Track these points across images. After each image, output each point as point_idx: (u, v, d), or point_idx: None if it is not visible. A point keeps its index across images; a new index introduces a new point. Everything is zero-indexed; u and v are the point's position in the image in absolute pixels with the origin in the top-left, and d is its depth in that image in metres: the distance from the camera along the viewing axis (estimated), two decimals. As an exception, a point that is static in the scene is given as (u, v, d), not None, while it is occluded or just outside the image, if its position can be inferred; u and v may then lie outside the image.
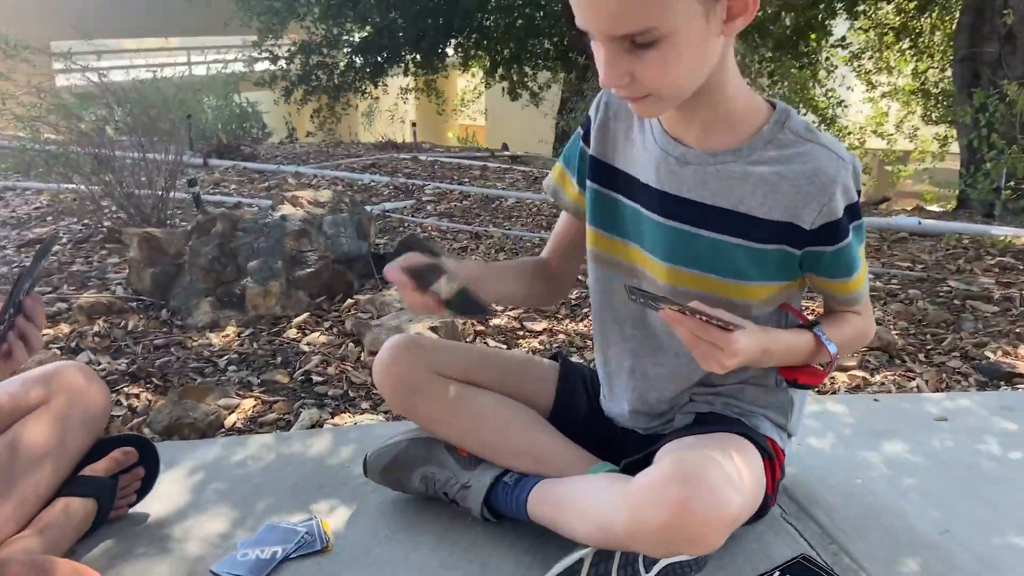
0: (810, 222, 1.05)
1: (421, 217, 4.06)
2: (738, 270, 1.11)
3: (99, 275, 2.86)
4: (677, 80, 0.97)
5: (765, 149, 1.06)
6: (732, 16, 0.95)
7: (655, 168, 1.12)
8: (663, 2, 0.89)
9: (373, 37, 10.92)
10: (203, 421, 1.88)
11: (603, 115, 1.20)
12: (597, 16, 0.91)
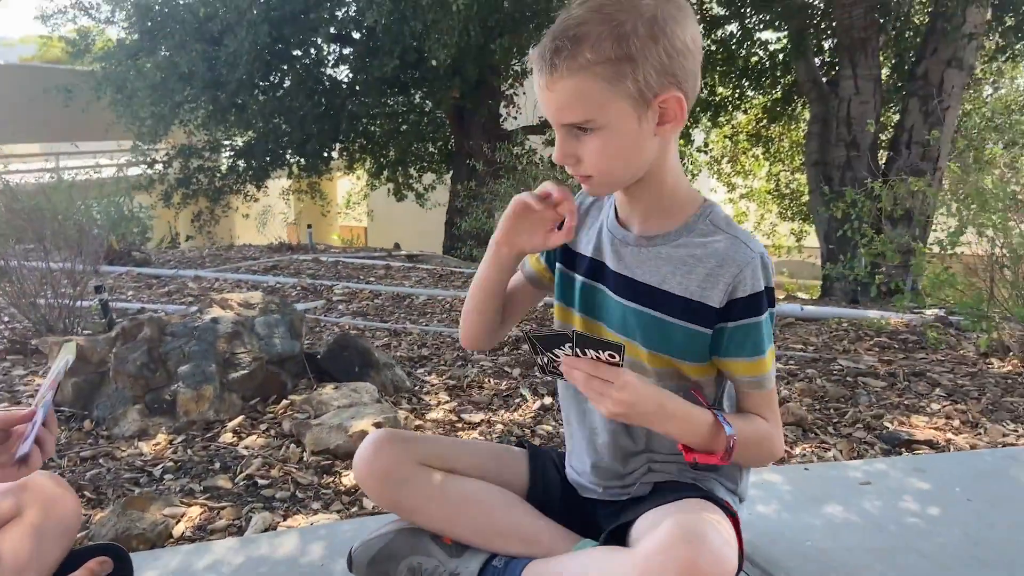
0: (719, 301, 1.16)
1: (335, 317, 4.06)
2: (659, 342, 1.24)
3: (7, 387, 2.70)
4: (613, 166, 1.14)
5: (689, 236, 1.21)
6: (663, 121, 1.12)
7: (606, 249, 1.28)
8: (598, 102, 1.08)
9: (256, 141, 10.94)
10: (152, 531, 1.81)
11: (579, 211, 1.34)
12: (549, 106, 1.12)
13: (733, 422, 1.18)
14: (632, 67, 1.06)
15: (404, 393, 2.82)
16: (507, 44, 8.20)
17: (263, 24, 8.75)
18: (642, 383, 1.12)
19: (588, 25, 1.06)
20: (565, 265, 1.35)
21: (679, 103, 1.11)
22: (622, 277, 1.26)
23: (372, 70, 9.03)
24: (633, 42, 1.05)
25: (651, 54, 1.06)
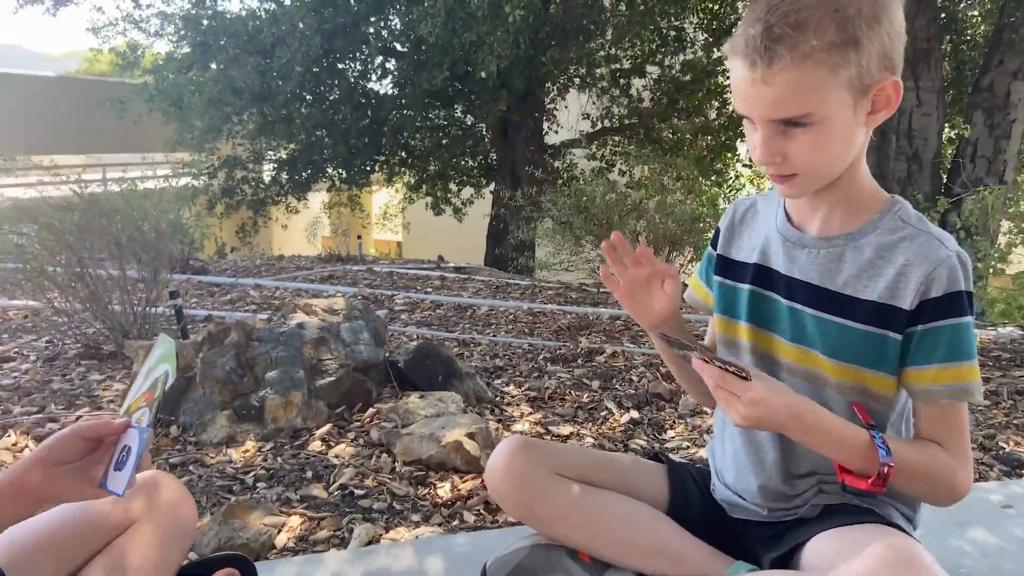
0: (909, 302, 1.06)
1: (400, 326, 4.01)
2: (837, 349, 1.14)
3: (85, 392, 2.67)
4: (824, 162, 1.05)
5: (876, 234, 1.12)
6: (875, 109, 1.04)
7: (775, 253, 1.19)
8: (820, 92, 0.99)
9: (299, 153, 11.02)
10: (255, 541, 1.75)
11: (730, 221, 1.30)
12: (761, 101, 1.01)
13: (897, 448, 1.05)
14: (856, 52, 0.98)
15: (486, 404, 2.75)
16: (556, 57, 8.18)
17: (315, 36, 8.82)
18: (777, 393, 1.03)
19: (808, 10, 0.97)
20: (724, 277, 1.28)
21: (896, 88, 1.02)
22: (797, 281, 1.17)
23: (420, 83, 9.05)
24: (858, 24, 0.97)
25: (875, 37, 0.98)
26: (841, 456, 1.07)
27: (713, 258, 1.31)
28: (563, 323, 4.18)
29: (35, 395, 2.65)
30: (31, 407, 2.53)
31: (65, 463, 0.94)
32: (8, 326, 3.69)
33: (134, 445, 0.91)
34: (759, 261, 1.22)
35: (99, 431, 0.97)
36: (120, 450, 0.93)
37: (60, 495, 0.94)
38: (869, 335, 1.11)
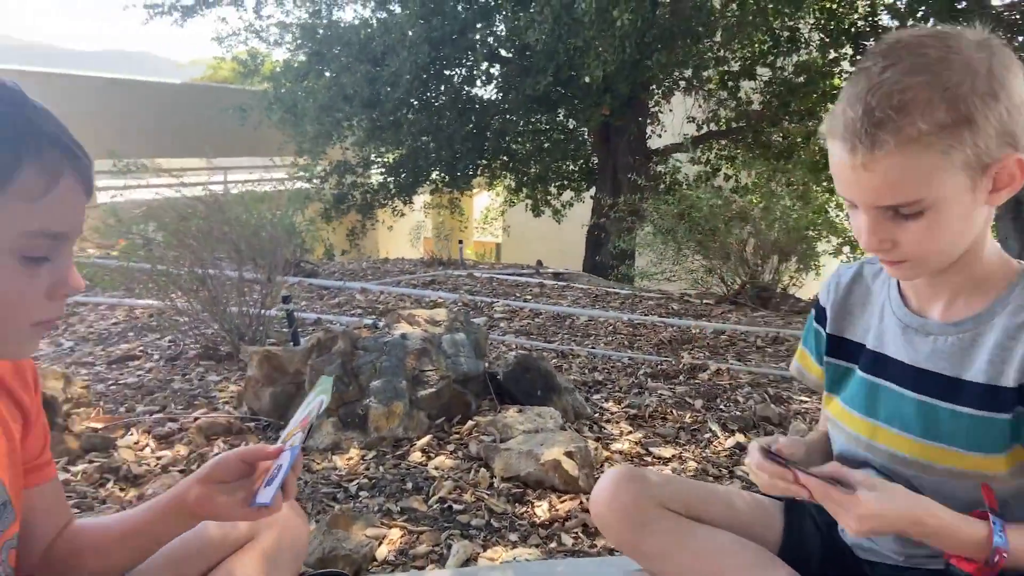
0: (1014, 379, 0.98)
1: (498, 335, 4.03)
2: (968, 441, 1.06)
3: (203, 393, 2.80)
4: (940, 248, 0.97)
5: (1005, 313, 1.02)
6: (997, 187, 0.95)
7: (892, 340, 1.12)
8: (930, 177, 0.91)
9: (405, 158, 11.31)
10: (357, 553, 1.79)
11: (837, 295, 1.23)
12: (862, 187, 0.94)
13: (1015, 535, 0.97)
14: (971, 131, 0.89)
15: (585, 420, 2.72)
16: (662, 60, 8.05)
17: (423, 44, 9.02)
18: (892, 501, 0.96)
19: (913, 89, 0.90)
20: (835, 356, 1.21)
21: (1020, 166, 0.93)
22: (916, 370, 1.08)
23: (524, 88, 9.11)
24: (971, 102, 0.89)
25: (992, 113, 0.89)
26: (958, 549, 0.99)
27: (823, 337, 1.24)
28: (664, 336, 4.10)
29: (157, 394, 2.81)
30: (153, 406, 2.68)
31: (222, 482, 0.99)
32: (135, 324, 3.93)
33: (285, 462, 0.96)
34: (874, 347, 1.15)
35: (256, 454, 1.03)
36: (272, 470, 0.98)
37: (214, 512, 0.99)
38: (980, 419, 1.02)
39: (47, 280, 0.81)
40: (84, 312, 4.25)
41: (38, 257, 0.80)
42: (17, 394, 1.01)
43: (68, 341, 3.71)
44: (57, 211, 0.79)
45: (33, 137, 0.77)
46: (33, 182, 0.77)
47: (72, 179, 0.80)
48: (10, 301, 0.79)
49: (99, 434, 2.41)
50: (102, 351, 3.47)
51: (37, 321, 0.83)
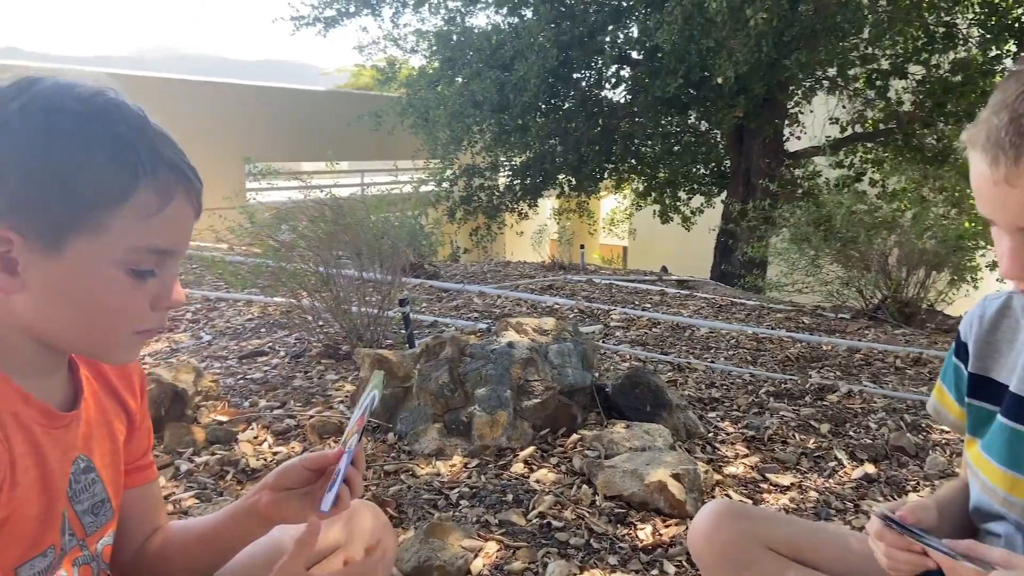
0: None
1: (613, 344, 3.94)
2: None
3: (321, 391, 2.89)
4: None
5: None
6: None
7: None
8: None
9: (533, 161, 11.37)
10: (452, 565, 1.77)
11: (981, 329, 1.11)
12: (1005, 206, 0.83)
13: None
14: None
15: (697, 439, 2.60)
16: (803, 59, 7.66)
17: (552, 48, 9.04)
18: None
19: None
20: (978, 398, 1.09)
21: None
22: None
23: (654, 90, 8.94)
24: None
25: None
26: None
27: (964, 375, 1.12)
28: (791, 352, 3.87)
29: (279, 390, 2.92)
30: (274, 402, 2.79)
31: (290, 489, 1.02)
32: (268, 321, 4.13)
33: (342, 466, 0.97)
34: (1019, 391, 1.02)
35: (319, 461, 1.05)
36: (333, 475, 0.99)
37: (284, 518, 1.02)
38: None
39: (152, 292, 0.86)
40: (223, 307, 4.51)
41: (145, 270, 0.84)
42: (123, 398, 1.05)
43: (207, 335, 3.94)
44: (166, 229, 0.83)
45: (151, 160, 0.81)
46: (147, 201, 0.81)
47: (182, 200, 0.84)
48: (116, 309, 0.84)
49: (223, 427, 2.53)
50: (235, 345, 3.66)
51: (139, 330, 0.88)
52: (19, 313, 0.82)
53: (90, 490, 0.97)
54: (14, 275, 0.79)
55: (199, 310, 4.42)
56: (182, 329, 4.02)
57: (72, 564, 0.94)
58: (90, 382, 1.00)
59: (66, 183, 0.77)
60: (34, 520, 0.85)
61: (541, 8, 9.47)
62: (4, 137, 0.77)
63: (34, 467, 0.85)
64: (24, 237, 0.78)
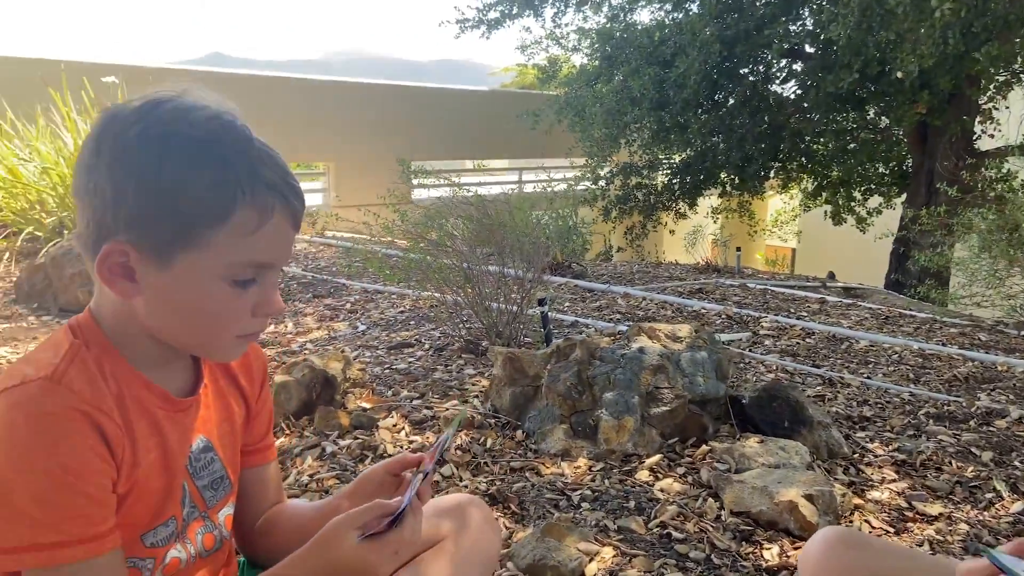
0: None
1: (760, 353, 3.79)
2: None
3: (458, 386, 3.00)
4: None
5: None
6: None
7: None
8: None
9: (693, 159, 11.09)
10: (566, 566, 1.79)
11: None
12: None
13: None
14: None
15: (839, 460, 2.46)
16: (994, 51, 6.97)
17: (715, 43, 8.80)
18: None
19: None
20: None
21: None
22: None
23: (826, 85, 8.46)
24: None
25: None
26: None
27: None
28: (960, 371, 3.56)
29: (420, 381, 3.06)
30: (414, 392, 2.93)
31: (370, 496, 1.08)
32: (417, 314, 4.33)
33: (410, 491, 1.00)
34: None
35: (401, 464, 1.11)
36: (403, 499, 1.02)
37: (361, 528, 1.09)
38: None
39: (252, 300, 0.93)
40: (379, 299, 4.77)
41: (245, 280, 0.91)
42: (241, 385, 1.16)
43: (363, 325, 4.19)
44: (265, 245, 0.90)
45: (251, 181, 0.88)
46: (247, 220, 0.88)
47: (281, 218, 0.91)
48: (219, 315, 0.93)
49: (367, 414, 2.69)
50: (386, 336, 3.87)
51: (241, 335, 0.96)
52: (139, 315, 0.92)
53: (209, 468, 1.07)
54: (133, 282, 0.89)
55: (357, 301, 4.70)
56: (341, 319, 4.29)
57: (196, 533, 1.05)
58: (211, 370, 1.11)
59: (174, 203, 0.85)
60: (156, 495, 0.96)
61: (707, 2, 9.22)
62: (125, 159, 0.86)
63: (156, 448, 0.96)
64: (138, 250, 0.87)
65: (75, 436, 0.83)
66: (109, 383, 0.91)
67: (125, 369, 0.94)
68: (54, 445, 0.82)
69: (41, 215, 5.45)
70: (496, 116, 13.08)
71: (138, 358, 0.95)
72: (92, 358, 0.90)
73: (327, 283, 5.11)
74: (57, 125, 5.80)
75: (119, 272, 0.89)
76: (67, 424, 0.83)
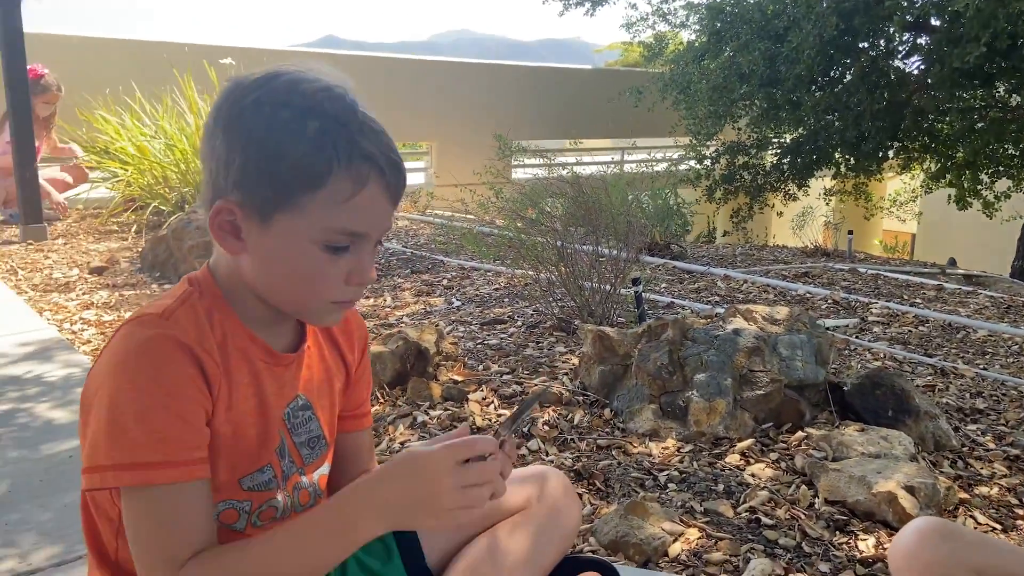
0: None
1: (868, 340, 3.62)
2: None
3: (548, 362, 3.01)
4: None
5: None
6: None
7: None
8: None
9: (805, 139, 10.63)
10: (648, 545, 1.78)
11: None
12: None
13: None
14: None
15: (947, 453, 2.33)
16: None
17: (831, 16, 8.38)
18: None
19: None
20: None
21: None
22: None
23: (951, 60, 7.92)
24: None
25: None
26: None
27: None
28: (1092, 366, 3.29)
29: (511, 357, 3.09)
30: (505, 368, 2.96)
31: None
32: (512, 292, 4.36)
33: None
34: None
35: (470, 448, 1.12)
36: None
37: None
38: None
39: (346, 268, 0.97)
40: (475, 276, 4.83)
41: (339, 247, 0.96)
42: (343, 351, 1.21)
43: (458, 301, 4.26)
44: (359, 215, 0.94)
45: (348, 151, 0.92)
46: (341, 188, 0.92)
47: (376, 190, 0.94)
48: (312, 278, 0.97)
49: (457, 386, 2.74)
50: (480, 312, 3.92)
51: (334, 300, 1.00)
52: (245, 272, 0.99)
53: (306, 426, 1.13)
54: (239, 240, 0.96)
55: (454, 278, 4.77)
56: (437, 294, 4.38)
57: (293, 487, 1.11)
58: (315, 335, 1.16)
59: (275, 167, 0.91)
60: (253, 440, 1.03)
61: (823, -28, 8.78)
62: (239, 124, 0.93)
63: (253, 396, 1.02)
64: (243, 209, 0.94)
65: (176, 364, 0.92)
66: (215, 330, 0.98)
67: (233, 321, 1.01)
68: (157, 369, 0.90)
69: (165, 190, 5.80)
70: (598, 95, 12.90)
71: (246, 314, 1.02)
72: (203, 306, 0.99)
73: (425, 259, 5.21)
74: (181, 105, 6.14)
75: (228, 229, 0.96)
76: (170, 352, 0.92)
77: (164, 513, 0.90)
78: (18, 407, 2.55)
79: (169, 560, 0.89)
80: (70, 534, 1.75)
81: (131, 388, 0.89)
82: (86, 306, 3.92)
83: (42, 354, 3.09)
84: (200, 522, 0.93)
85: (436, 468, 0.91)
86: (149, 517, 0.90)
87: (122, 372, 0.90)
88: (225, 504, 1.01)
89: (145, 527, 0.90)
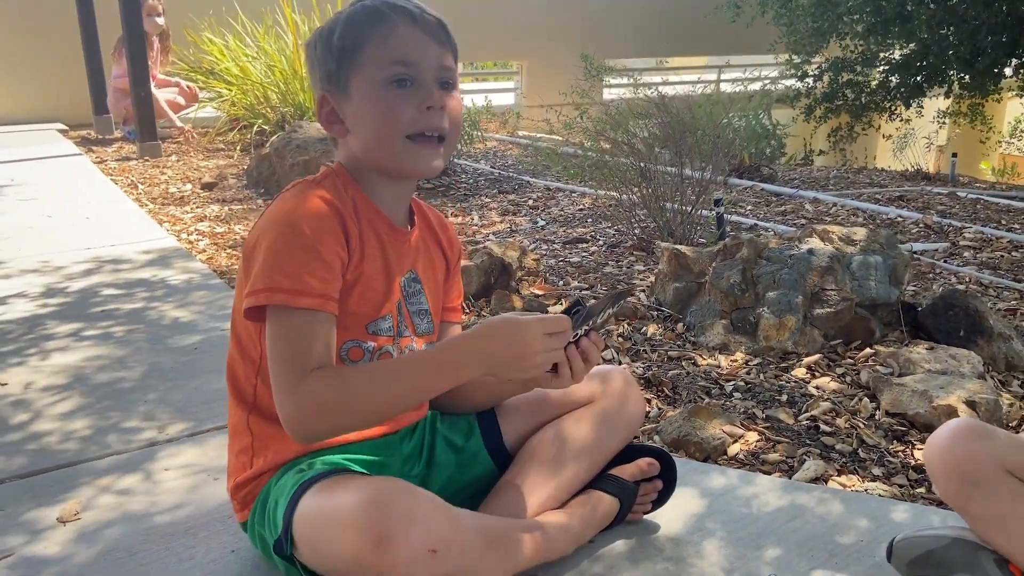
0: None
1: (956, 264, 3.57)
2: None
3: (626, 280, 3.13)
4: None
5: None
6: None
7: None
8: None
9: (916, 55, 10.01)
10: (709, 443, 1.92)
11: None
12: None
13: None
14: None
15: (1018, 373, 2.35)
16: None
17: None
18: None
19: None
20: None
21: None
22: None
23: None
24: None
25: None
26: None
27: None
28: None
29: (590, 274, 3.22)
30: (584, 284, 3.10)
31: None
32: (595, 212, 4.46)
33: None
34: None
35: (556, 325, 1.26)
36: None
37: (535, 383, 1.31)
38: None
39: (415, 99, 1.17)
40: (560, 197, 4.94)
41: (402, 79, 1.17)
42: (443, 246, 1.41)
43: (542, 220, 4.39)
44: (400, 46, 1.16)
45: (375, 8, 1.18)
46: (378, 33, 1.17)
47: (405, 24, 1.16)
48: (387, 115, 1.18)
49: (538, 300, 2.91)
50: (563, 232, 4.05)
51: (409, 133, 1.19)
52: (355, 149, 1.22)
53: (417, 298, 1.33)
54: (340, 123, 1.21)
55: (539, 199, 4.90)
56: (523, 214, 4.52)
57: (405, 348, 1.30)
58: (422, 215, 1.38)
59: (332, 45, 1.18)
60: (378, 293, 1.25)
61: None
62: (325, 31, 1.21)
63: (379, 257, 1.25)
64: (332, 94, 1.20)
65: (323, 219, 1.15)
66: (349, 202, 1.22)
67: (361, 197, 1.24)
68: (308, 216, 1.14)
69: (267, 110, 6.08)
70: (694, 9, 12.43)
71: (371, 190, 1.25)
72: (340, 182, 1.23)
73: (512, 180, 5.34)
74: (281, 26, 6.34)
75: (332, 118, 1.22)
76: (320, 206, 1.16)
77: (298, 332, 1.11)
78: (147, 306, 2.87)
79: (298, 369, 1.10)
80: (199, 411, 2.03)
81: (288, 234, 1.12)
82: (200, 219, 4.25)
83: (164, 261, 3.42)
84: (324, 347, 1.13)
85: (531, 334, 1.12)
86: (287, 334, 1.11)
87: (281, 222, 1.14)
88: (353, 343, 1.24)
89: (282, 343, 1.12)
